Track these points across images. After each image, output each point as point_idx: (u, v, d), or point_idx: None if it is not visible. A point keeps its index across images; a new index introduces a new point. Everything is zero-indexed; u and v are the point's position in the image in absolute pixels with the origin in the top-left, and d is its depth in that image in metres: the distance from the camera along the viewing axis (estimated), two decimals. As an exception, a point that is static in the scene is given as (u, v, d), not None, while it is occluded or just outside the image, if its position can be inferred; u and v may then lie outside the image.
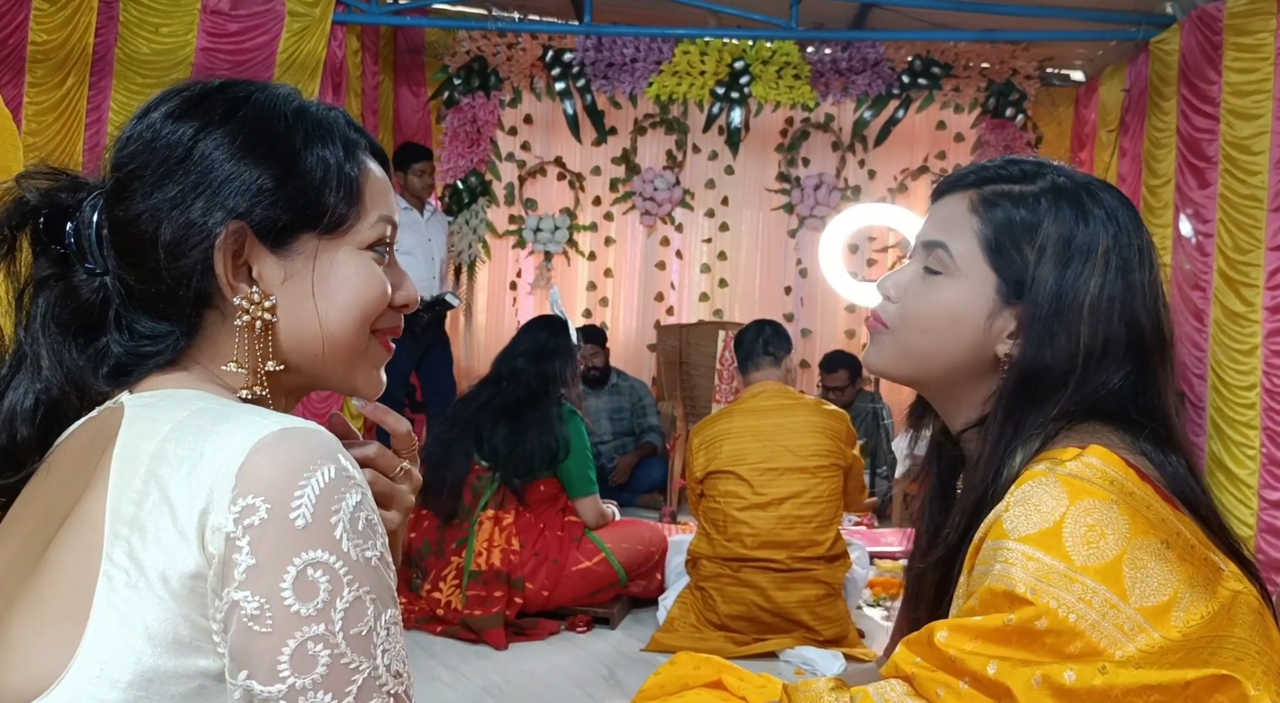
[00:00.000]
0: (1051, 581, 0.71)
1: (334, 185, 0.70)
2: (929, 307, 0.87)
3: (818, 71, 5.10)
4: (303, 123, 0.70)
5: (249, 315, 0.68)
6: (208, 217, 0.67)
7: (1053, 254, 0.84)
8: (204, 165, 0.67)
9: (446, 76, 5.16)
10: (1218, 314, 3.70)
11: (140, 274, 0.68)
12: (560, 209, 5.47)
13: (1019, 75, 5.09)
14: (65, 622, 0.58)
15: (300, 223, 0.69)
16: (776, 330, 2.96)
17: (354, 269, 0.71)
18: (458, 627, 2.71)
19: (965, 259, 0.86)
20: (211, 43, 4.22)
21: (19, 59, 4.06)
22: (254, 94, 0.71)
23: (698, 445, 2.83)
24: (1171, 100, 4.07)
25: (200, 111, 0.69)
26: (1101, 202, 0.86)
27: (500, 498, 2.83)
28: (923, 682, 0.76)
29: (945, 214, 0.90)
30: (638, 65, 5.08)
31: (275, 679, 0.56)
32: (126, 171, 0.68)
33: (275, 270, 0.69)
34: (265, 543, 0.57)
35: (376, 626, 0.59)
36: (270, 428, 0.60)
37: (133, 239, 0.68)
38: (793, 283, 5.52)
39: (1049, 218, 0.84)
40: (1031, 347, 0.83)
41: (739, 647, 2.58)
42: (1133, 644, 0.70)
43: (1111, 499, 0.73)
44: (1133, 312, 0.83)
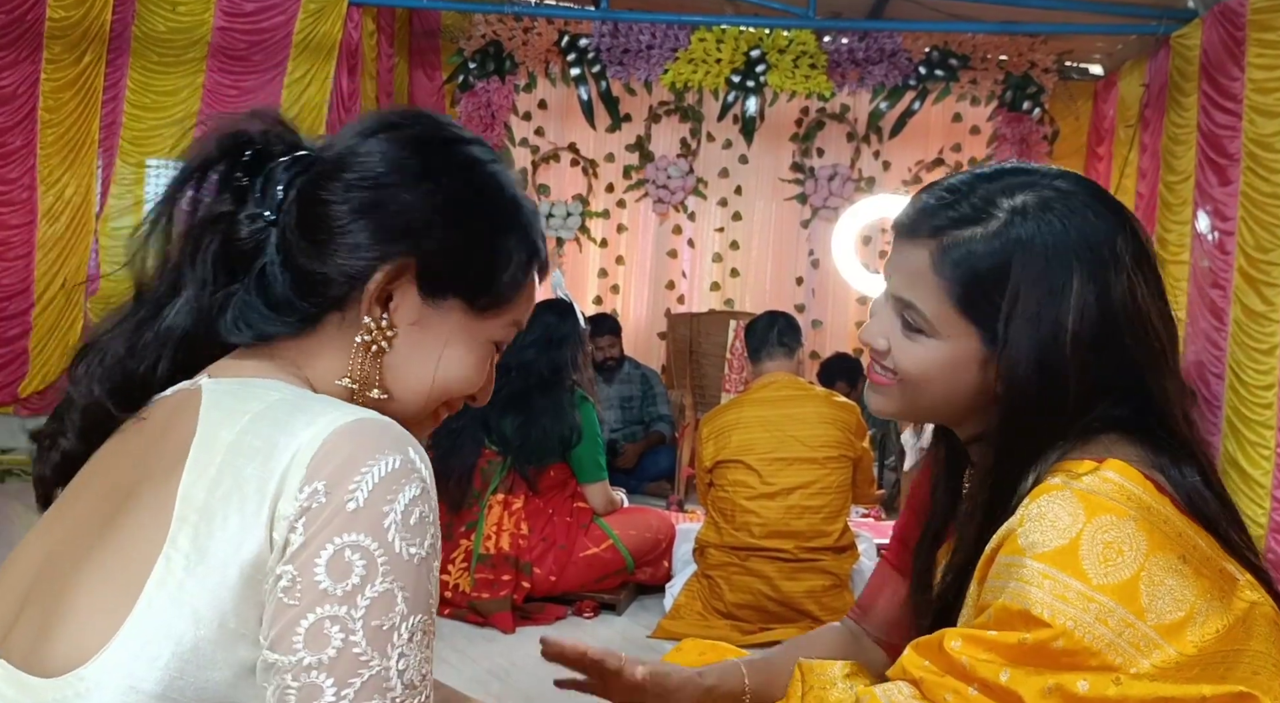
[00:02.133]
0: (1068, 600, 0.70)
1: (505, 277, 0.74)
2: (922, 365, 0.85)
3: (834, 61, 5.07)
4: (512, 213, 0.74)
5: (369, 336, 0.70)
6: (394, 241, 0.69)
7: (1025, 300, 0.79)
8: (416, 202, 0.70)
9: (461, 60, 5.15)
10: (1237, 313, 3.67)
11: (309, 249, 0.69)
12: (573, 195, 5.46)
13: (1037, 68, 5.05)
14: (118, 597, 0.59)
15: (459, 289, 0.72)
16: (790, 322, 2.95)
17: (468, 352, 0.74)
18: (465, 610, 2.73)
19: (940, 320, 0.82)
20: (228, 22, 4.22)
21: (36, 36, 4.07)
22: (489, 164, 0.74)
23: (707, 435, 2.83)
24: (1192, 96, 4.04)
25: (437, 155, 0.72)
26: (1072, 218, 0.80)
27: (510, 483, 2.84)
28: (931, 686, 0.75)
29: (907, 268, 0.85)
30: (653, 52, 5.06)
31: (288, 650, 0.56)
32: (352, 161, 0.71)
33: (411, 311, 0.71)
34: (315, 523, 0.57)
35: (400, 626, 0.57)
36: (345, 418, 0.61)
37: (323, 218, 0.69)
38: (804, 274, 5.51)
39: (1016, 259, 0.79)
40: (1015, 390, 0.79)
41: (745, 635, 2.59)
42: (1147, 661, 0.69)
43: (1129, 515, 0.72)
44: (1118, 336, 0.79)
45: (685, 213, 5.48)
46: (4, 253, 4.41)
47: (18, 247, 4.43)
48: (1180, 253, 4.15)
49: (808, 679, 0.92)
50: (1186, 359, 4.03)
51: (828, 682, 0.91)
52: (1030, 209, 0.80)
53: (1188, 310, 4.05)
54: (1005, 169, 0.85)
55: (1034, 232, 0.79)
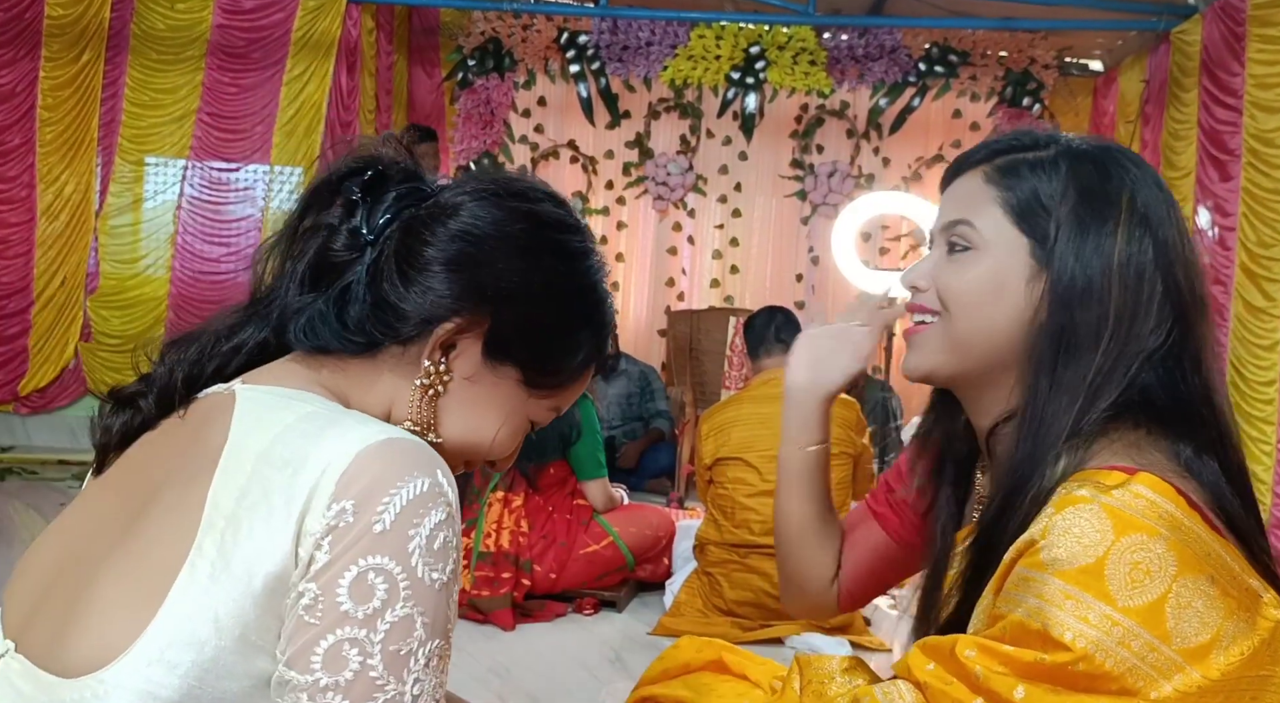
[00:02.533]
0: (1091, 623, 0.67)
1: (567, 364, 0.76)
2: (966, 284, 0.83)
3: (834, 58, 5.06)
4: (594, 310, 0.78)
5: (428, 379, 0.71)
6: (476, 301, 0.71)
7: (1074, 213, 0.81)
8: (511, 274, 0.72)
9: (461, 57, 5.14)
10: (1238, 309, 3.67)
11: (396, 277, 0.71)
12: (572, 192, 5.45)
13: (1037, 64, 5.05)
14: (142, 600, 0.59)
15: (521, 361, 0.74)
16: (788, 317, 2.94)
17: (509, 422, 0.75)
18: (465, 607, 2.73)
19: (992, 230, 0.83)
20: (227, 19, 4.21)
21: (35, 33, 4.07)
22: (590, 257, 0.77)
23: (707, 432, 2.83)
24: (1192, 92, 4.03)
25: (550, 238, 0.75)
26: (1120, 162, 0.83)
27: (509, 480, 2.84)
28: (935, 694, 0.74)
29: (960, 193, 0.87)
30: (653, 49, 5.05)
31: (306, 670, 0.56)
32: (465, 217, 0.72)
33: (469, 365, 0.73)
34: (341, 543, 0.57)
35: (418, 651, 0.58)
36: (377, 436, 0.61)
37: (416, 255, 0.71)
38: (804, 270, 5.51)
39: (1069, 177, 0.82)
40: (1060, 306, 0.80)
41: (745, 632, 2.59)
42: (1169, 685, 0.67)
43: (1159, 534, 0.69)
44: (1166, 268, 0.80)
45: (685, 210, 5.48)
46: (3, 251, 4.41)
47: (17, 244, 4.43)
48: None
49: (806, 673, 0.91)
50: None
51: (825, 676, 0.90)
52: (1087, 147, 0.85)
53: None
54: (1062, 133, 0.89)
55: (1091, 161, 0.83)
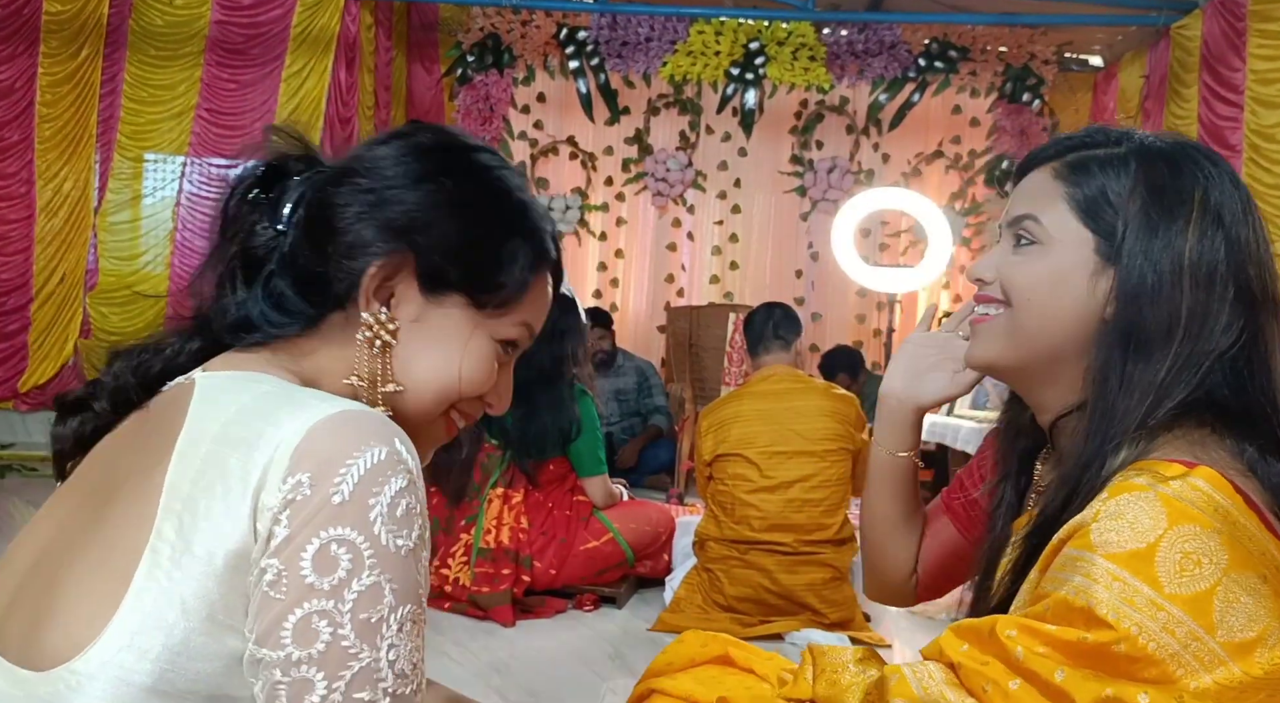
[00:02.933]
0: (1136, 605, 0.67)
1: (508, 276, 0.74)
2: (1030, 277, 0.83)
3: (833, 53, 5.06)
4: (518, 215, 0.75)
5: (371, 332, 0.70)
6: (391, 238, 0.70)
7: (1144, 210, 0.80)
8: (415, 201, 0.71)
9: (460, 53, 5.13)
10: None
11: (311, 251, 0.71)
12: (572, 189, 5.45)
13: (1037, 60, 5.04)
14: (107, 589, 0.59)
15: (461, 285, 0.73)
16: (786, 313, 2.94)
17: (478, 349, 0.75)
18: (465, 604, 2.73)
19: (1058, 225, 0.83)
20: (225, 15, 4.20)
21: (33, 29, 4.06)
22: (495, 169, 0.76)
23: (707, 428, 2.83)
24: (1193, 87, 4.03)
25: (441, 160, 0.74)
26: (1195, 159, 0.82)
27: (510, 476, 2.84)
28: (969, 673, 0.73)
29: (1029, 189, 0.87)
30: (652, 44, 5.05)
31: (276, 646, 0.56)
32: (354, 168, 0.73)
33: (412, 308, 0.72)
34: (300, 516, 0.57)
35: (389, 618, 0.58)
36: (331, 409, 0.60)
37: (322, 220, 0.71)
38: (804, 266, 5.51)
39: (1139, 175, 0.81)
40: (1129, 304, 0.79)
41: (745, 628, 2.59)
42: (1209, 676, 0.66)
43: (1214, 528, 0.69)
44: (1239, 267, 0.79)
45: (684, 206, 5.48)
46: (2, 247, 4.40)
47: (16, 241, 4.42)
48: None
49: (819, 663, 0.91)
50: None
51: (839, 665, 0.89)
52: (1161, 144, 0.83)
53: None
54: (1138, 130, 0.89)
55: (1163, 158, 0.82)
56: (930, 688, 0.75)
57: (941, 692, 0.74)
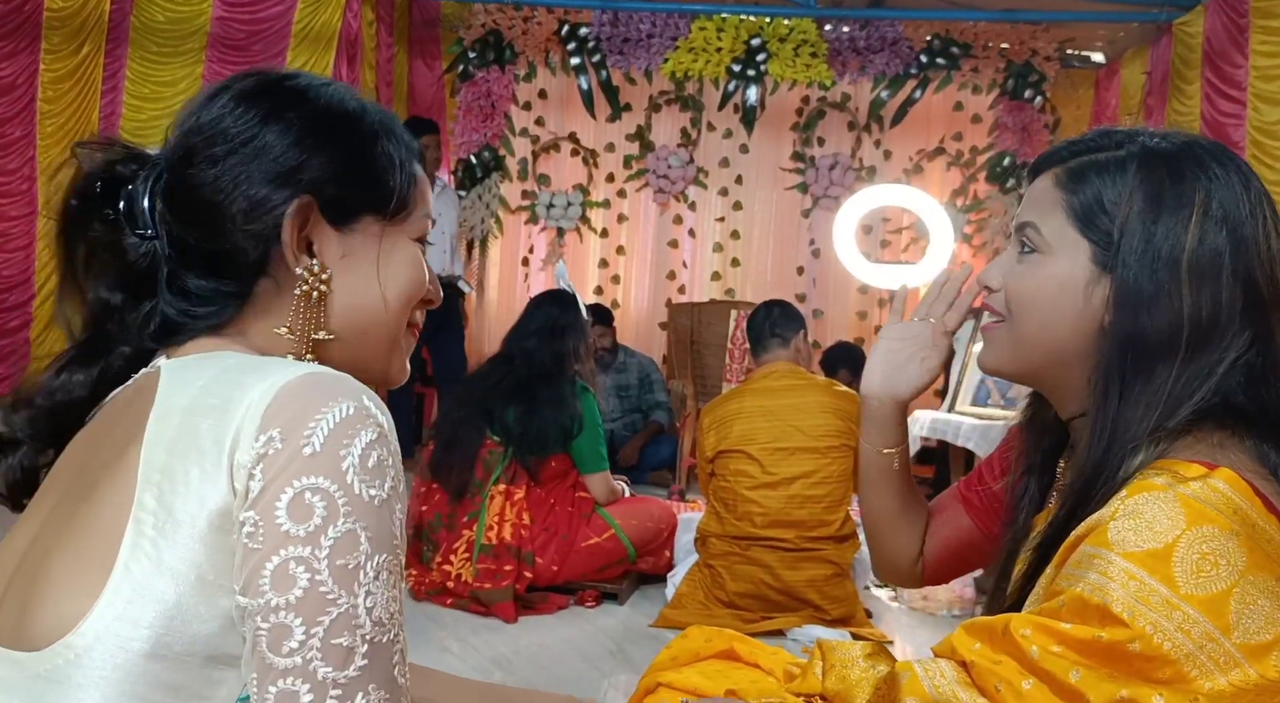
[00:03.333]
0: (1151, 604, 0.67)
1: (397, 174, 0.75)
2: (1030, 285, 0.85)
3: (835, 50, 5.05)
4: (367, 117, 0.75)
5: (307, 285, 0.70)
6: (279, 189, 0.70)
7: (1141, 211, 0.79)
8: (275, 144, 0.70)
9: (461, 50, 5.13)
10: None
11: (204, 233, 0.70)
12: (573, 185, 5.45)
13: (1038, 56, 5.04)
14: (95, 565, 0.60)
15: (366, 204, 0.73)
16: (785, 310, 2.94)
17: (406, 256, 0.76)
18: (467, 600, 2.73)
19: (1055, 233, 0.84)
20: (227, 11, 4.20)
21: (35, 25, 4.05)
22: (321, 87, 0.75)
23: (708, 425, 2.83)
24: (1195, 83, 4.03)
25: (271, 98, 0.72)
26: (1199, 159, 0.80)
27: (511, 473, 2.84)
28: (981, 672, 0.73)
29: (1035, 195, 0.87)
30: (654, 41, 5.04)
31: (256, 593, 0.57)
32: (195, 141, 0.71)
33: (334, 247, 0.72)
34: (273, 468, 0.58)
35: (366, 565, 0.58)
36: (298, 371, 0.62)
37: (199, 202, 0.70)
38: (805, 263, 5.50)
39: (1137, 177, 0.80)
40: (1126, 311, 0.78)
41: (747, 625, 2.59)
42: (1224, 678, 0.66)
43: (1232, 530, 0.69)
44: (1246, 270, 0.76)
45: (686, 202, 5.48)
46: (4, 244, 4.41)
47: (18, 238, 4.42)
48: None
49: (828, 659, 0.91)
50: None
51: (848, 661, 0.90)
52: (1166, 144, 0.82)
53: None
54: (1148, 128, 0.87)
55: (1165, 159, 0.80)
56: (942, 687, 0.75)
57: (954, 691, 0.74)
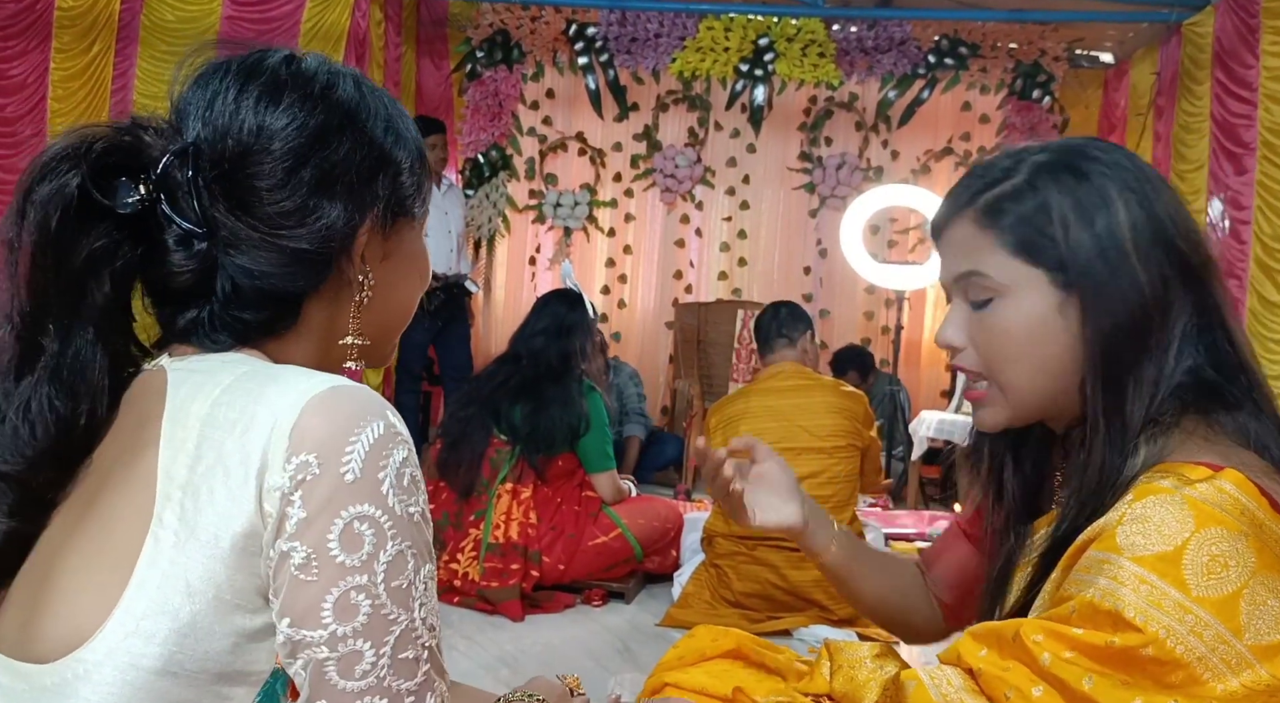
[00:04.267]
0: (1164, 608, 0.67)
1: (421, 171, 0.75)
2: (1003, 335, 0.83)
3: (843, 50, 5.04)
4: (398, 107, 0.74)
5: (361, 293, 0.71)
6: (353, 198, 0.69)
7: (1075, 220, 0.81)
8: (348, 153, 0.69)
9: (469, 49, 5.14)
10: (1253, 303, 3.65)
11: (266, 236, 0.66)
12: (580, 185, 5.45)
13: (1047, 57, 5.02)
14: (109, 577, 0.59)
15: (404, 211, 0.74)
16: (792, 311, 2.94)
17: (420, 250, 0.78)
18: (474, 598, 2.74)
19: (1005, 272, 0.83)
20: (236, 11, 4.21)
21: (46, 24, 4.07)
22: (361, 83, 0.72)
23: (715, 425, 2.83)
24: (1205, 84, 4.01)
25: (325, 107, 0.69)
26: (1089, 155, 0.83)
27: (518, 472, 2.85)
28: (989, 680, 0.73)
29: (958, 242, 0.86)
30: (661, 41, 5.04)
31: (318, 625, 0.58)
32: (247, 151, 0.66)
33: (377, 251, 0.73)
34: (315, 497, 0.58)
35: (415, 580, 0.60)
36: (319, 386, 0.61)
37: (260, 203, 0.66)
38: (812, 263, 5.50)
39: (1052, 193, 0.81)
40: (1100, 311, 0.79)
41: (753, 624, 2.59)
42: (1236, 680, 0.66)
43: (1240, 531, 0.69)
44: (1169, 239, 0.80)
45: (693, 202, 5.47)
46: (15, 242, 4.42)
47: (28, 236, 4.44)
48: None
49: (836, 659, 0.91)
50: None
51: (856, 661, 0.90)
52: (1051, 156, 0.84)
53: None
54: (1021, 146, 0.89)
55: (1063, 169, 0.83)
56: (950, 695, 0.74)
57: (962, 699, 0.74)
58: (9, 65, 4.05)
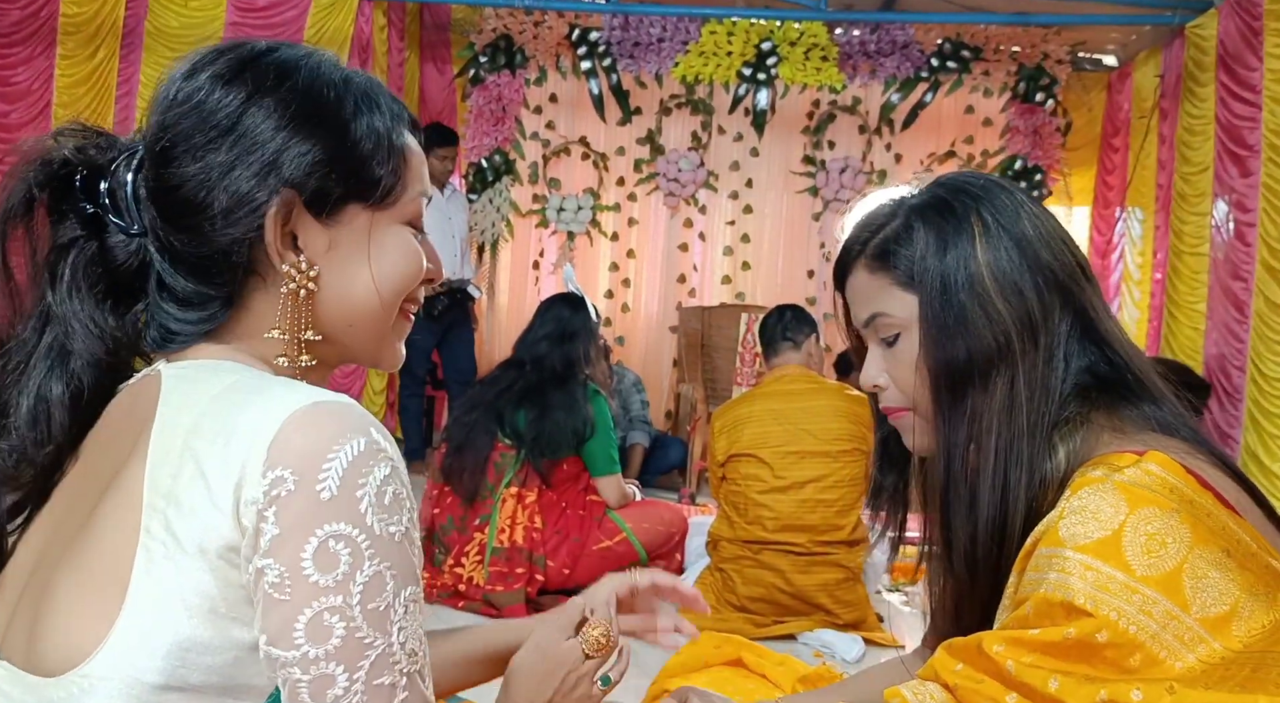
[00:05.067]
0: (1111, 591, 0.69)
1: (383, 157, 0.70)
2: (910, 367, 0.88)
3: (845, 53, 5.04)
4: (351, 92, 0.70)
5: (295, 283, 0.67)
6: (260, 186, 0.66)
7: (932, 252, 0.85)
8: (256, 134, 0.66)
9: (472, 54, 5.14)
10: (1259, 305, 3.64)
11: (189, 237, 0.67)
12: (584, 189, 5.45)
13: (1050, 59, 5.02)
14: (105, 593, 0.59)
15: (350, 194, 0.69)
16: (796, 314, 2.93)
17: (396, 242, 0.72)
18: (479, 602, 2.74)
19: (903, 309, 0.88)
20: (240, 17, 4.22)
21: (51, 31, 4.09)
22: (301, 60, 0.69)
23: (720, 429, 2.83)
24: (1208, 86, 4.00)
25: (250, 76, 0.67)
26: (961, 188, 0.89)
27: (523, 476, 2.84)
28: (967, 694, 0.74)
29: (859, 288, 0.92)
30: (664, 45, 5.04)
31: (290, 646, 0.56)
32: (174, 134, 0.66)
33: (320, 240, 0.69)
34: (289, 513, 0.56)
35: (395, 603, 0.58)
36: (302, 401, 0.59)
37: (181, 202, 0.66)
38: (816, 267, 5.49)
39: (921, 228, 0.87)
40: (932, 343, 0.84)
41: (758, 628, 2.59)
42: (1193, 655, 0.67)
43: (1172, 508, 0.71)
44: (1037, 259, 0.84)
45: (696, 206, 5.47)
46: (19, 248, 4.43)
47: (33, 242, 4.45)
48: (1198, 245, 4.12)
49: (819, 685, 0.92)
50: (1206, 351, 4.00)
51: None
52: (926, 196, 0.91)
53: (1208, 302, 4.02)
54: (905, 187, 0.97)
55: (933, 206, 0.88)
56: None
57: None
58: (14, 72, 4.07)
